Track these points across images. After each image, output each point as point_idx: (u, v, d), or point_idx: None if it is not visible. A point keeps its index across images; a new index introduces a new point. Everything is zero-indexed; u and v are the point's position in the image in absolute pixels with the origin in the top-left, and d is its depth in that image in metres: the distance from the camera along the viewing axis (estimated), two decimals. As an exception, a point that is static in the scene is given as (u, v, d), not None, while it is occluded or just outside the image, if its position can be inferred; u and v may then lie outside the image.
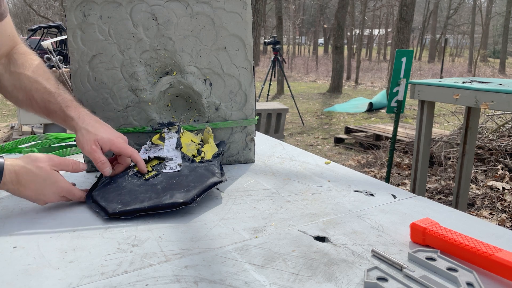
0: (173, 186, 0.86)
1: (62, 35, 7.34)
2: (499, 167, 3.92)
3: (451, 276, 0.57)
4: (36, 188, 0.79)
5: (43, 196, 0.80)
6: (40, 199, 0.81)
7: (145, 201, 0.82)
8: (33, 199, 0.81)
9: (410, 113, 8.55)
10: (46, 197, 0.81)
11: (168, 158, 0.96)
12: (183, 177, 0.89)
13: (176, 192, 0.83)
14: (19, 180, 0.77)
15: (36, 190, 0.79)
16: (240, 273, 0.60)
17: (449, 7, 30.10)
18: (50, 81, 0.96)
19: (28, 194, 0.79)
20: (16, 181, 0.77)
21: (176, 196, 0.82)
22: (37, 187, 0.79)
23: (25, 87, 0.94)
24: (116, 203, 0.82)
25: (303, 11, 37.29)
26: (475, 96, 2.26)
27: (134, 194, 0.84)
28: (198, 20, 1.03)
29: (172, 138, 1.01)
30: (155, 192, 0.84)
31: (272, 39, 8.39)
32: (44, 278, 0.59)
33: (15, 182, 0.77)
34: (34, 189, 0.79)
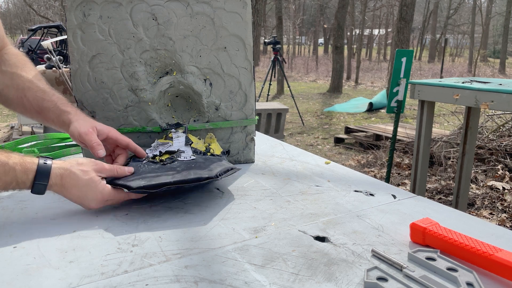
0: (194, 168, 0.88)
1: (62, 35, 7.34)
2: (499, 167, 3.92)
3: (451, 276, 0.57)
4: (78, 192, 0.79)
5: (86, 201, 0.80)
6: (83, 203, 0.81)
7: (169, 177, 0.83)
8: (77, 202, 0.81)
9: (410, 113, 8.55)
10: (88, 201, 0.80)
11: (181, 151, 0.98)
12: (200, 163, 0.91)
13: (199, 170, 0.85)
14: (63, 183, 0.78)
15: (78, 194, 0.79)
16: (240, 273, 0.60)
17: (449, 7, 30.10)
18: (43, 81, 0.98)
19: (71, 197, 0.80)
20: (60, 184, 0.77)
21: (200, 173, 0.84)
22: (79, 192, 0.79)
23: (17, 85, 0.94)
24: (139, 180, 0.83)
25: (303, 11, 37.29)
26: (475, 96, 2.26)
27: (156, 173, 0.85)
28: (198, 20, 1.03)
29: (180, 137, 1.02)
30: (177, 172, 0.86)
31: (272, 39, 8.38)
32: (44, 278, 0.59)
33: (59, 185, 0.78)
34: (76, 194, 0.79)
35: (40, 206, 0.85)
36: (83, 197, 0.80)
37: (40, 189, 0.76)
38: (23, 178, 0.75)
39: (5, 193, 0.92)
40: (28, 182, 0.75)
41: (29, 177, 0.75)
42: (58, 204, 0.86)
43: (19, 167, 0.74)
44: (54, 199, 0.88)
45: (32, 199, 0.88)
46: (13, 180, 0.74)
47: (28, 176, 0.75)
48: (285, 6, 25.08)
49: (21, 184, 0.75)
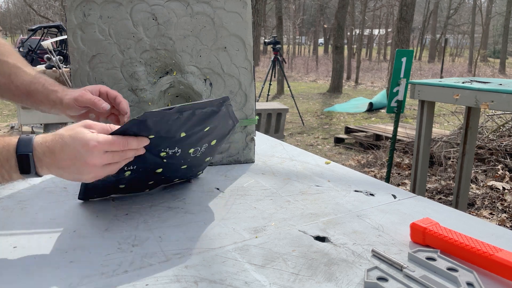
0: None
1: (62, 35, 7.34)
2: (499, 167, 3.92)
3: (451, 276, 0.57)
4: (69, 152, 0.66)
5: (81, 160, 0.66)
6: (81, 167, 0.67)
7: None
8: (73, 169, 0.67)
9: (410, 113, 8.55)
10: (85, 159, 0.66)
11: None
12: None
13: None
14: (51, 148, 0.66)
15: (70, 155, 0.66)
16: (240, 273, 0.60)
17: (449, 7, 30.10)
18: (29, 66, 0.97)
19: (65, 164, 0.67)
20: (48, 151, 0.66)
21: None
22: (70, 151, 0.66)
23: (3, 72, 0.94)
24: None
25: (303, 11, 37.30)
26: (475, 96, 2.26)
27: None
28: (198, 20, 1.03)
29: None
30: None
31: (272, 39, 8.38)
32: (45, 278, 0.59)
33: (47, 152, 0.66)
34: (68, 155, 0.66)
35: (40, 206, 0.85)
36: (77, 157, 0.66)
37: (25, 163, 0.64)
38: (3, 154, 0.64)
39: (5, 192, 0.92)
40: (11, 157, 0.64)
41: (10, 150, 0.64)
42: (58, 204, 0.86)
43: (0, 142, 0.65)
44: (54, 199, 0.88)
45: (32, 199, 0.88)
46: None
47: (9, 150, 0.64)
48: (285, 6, 25.09)
49: (3, 161, 0.64)
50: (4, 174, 0.65)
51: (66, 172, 0.68)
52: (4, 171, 0.65)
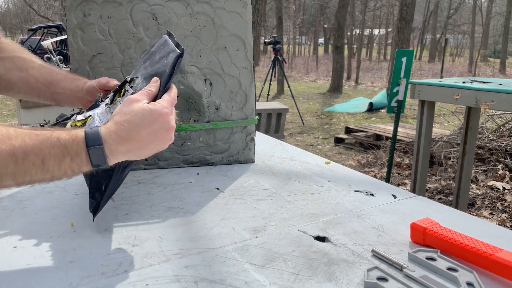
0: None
1: (62, 35, 7.34)
2: (499, 167, 3.92)
3: (451, 276, 0.57)
4: (148, 131, 0.66)
5: (163, 131, 0.68)
6: (159, 133, 0.67)
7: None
8: (152, 137, 0.67)
9: (410, 113, 8.54)
10: (166, 126, 0.67)
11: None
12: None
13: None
14: (119, 133, 0.65)
15: (151, 132, 0.67)
16: (240, 273, 0.60)
17: (449, 7, 30.10)
18: (43, 62, 0.99)
19: (141, 137, 0.66)
20: (117, 137, 0.65)
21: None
22: (149, 129, 0.66)
23: (20, 66, 0.96)
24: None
25: (303, 11, 37.30)
26: (475, 96, 2.26)
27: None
28: (198, 20, 1.03)
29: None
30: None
31: (272, 39, 8.38)
32: (45, 278, 0.59)
33: (117, 138, 0.65)
34: (149, 133, 0.67)
35: (40, 206, 0.85)
36: (157, 129, 0.67)
37: (98, 155, 0.64)
38: (73, 148, 0.63)
39: (5, 192, 0.92)
40: (81, 151, 0.63)
41: (79, 145, 0.63)
42: (58, 204, 0.86)
43: (65, 136, 0.64)
44: (54, 199, 0.88)
45: (32, 199, 0.88)
46: (64, 152, 0.62)
47: (79, 144, 0.63)
48: (285, 6, 25.09)
49: (74, 155, 0.63)
50: (74, 168, 0.65)
51: (147, 149, 0.68)
52: (75, 165, 0.64)
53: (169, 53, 0.78)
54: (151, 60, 0.82)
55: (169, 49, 0.78)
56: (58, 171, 0.63)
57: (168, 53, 0.78)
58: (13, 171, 0.60)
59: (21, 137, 0.61)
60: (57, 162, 0.63)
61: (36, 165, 0.61)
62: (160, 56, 0.79)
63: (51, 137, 0.63)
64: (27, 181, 0.62)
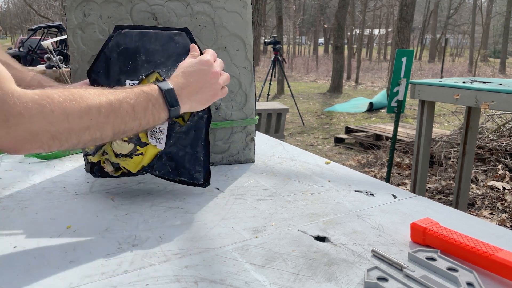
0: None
1: (62, 35, 7.34)
2: (500, 167, 3.92)
3: (451, 276, 0.57)
4: (199, 75, 0.79)
5: (209, 74, 0.80)
6: (211, 79, 0.81)
7: None
8: (208, 87, 0.80)
9: (410, 113, 8.55)
10: (211, 70, 0.81)
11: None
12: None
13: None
14: (186, 77, 0.78)
15: (201, 76, 0.79)
16: (240, 273, 0.60)
17: (449, 7, 30.09)
18: (19, 65, 1.02)
19: (201, 84, 0.79)
20: (184, 81, 0.77)
21: None
22: (199, 74, 0.79)
23: (13, 76, 0.97)
24: None
25: (303, 11, 37.30)
26: (475, 96, 2.26)
27: None
28: (198, 19, 1.03)
29: None
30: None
31: (272, 39, 8.39)
32: (45, 278, 0.59)
33: (183, 85, 0.77)
34: (200, 77, 0.79)
35: (40, 206, 0.85)
36: (205, 73, 0.80)
37: (172, 96, 0.74)
38: (153, 94, 0.73)
39: (5, 192, 0.92)
40: (159, 96, 0.73)
41: (156, 90, 0.73)
42: (58, 204, 0.86)
43: (145, 87, 0.73)
44: (54, 199, 0.88)
45: (32, 199, 0.88)
46: (147, 99, 0.71)
47: (155, 90, 0.73)
48: (285, 6, 25.09)
49: (154, 101, 0.72)
50: (155, 113, 0.73)
51: (203, 94, 0.80)
52: (156, 111, 0.73)
53: (173, 37, 0.90)
54: (160, 54, 0.90)
55: (170, 38, 0.90)
56: (144, 117, 0.71)
57: (173, 38, 0.90)
58: (112, 121, 0.67)
59: (111, 91, 0.69)
60: (143, 109, 0.71)
61: (129, 113, 0.69)
62: (170, 49, 0.90)
63: (135, 89, 0.72)
64: (122, 131, 0.70)
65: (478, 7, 28.05)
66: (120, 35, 0.90)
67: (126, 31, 0.91)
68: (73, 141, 0.64)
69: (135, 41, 0.90)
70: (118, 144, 0.86)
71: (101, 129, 0.66)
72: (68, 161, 1.17)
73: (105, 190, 0.94)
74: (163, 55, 0.89)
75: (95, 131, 0.65)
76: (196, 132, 0.89)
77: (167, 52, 0.89)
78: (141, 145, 0.87)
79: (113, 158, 0.88)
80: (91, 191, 0.93)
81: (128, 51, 0.89)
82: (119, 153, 0.87)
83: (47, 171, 1.07)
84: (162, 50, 0.89)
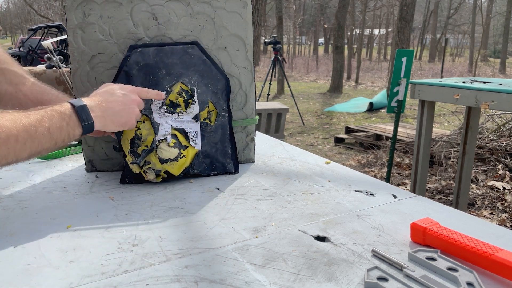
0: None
1: (63, 35, 7.34)
2: (500, 167, 3.92)
3: (452, 276, 0.57)
4: (116, 94, 0.84)
5: (127, 107, 0.85)
6: (126, 114, 0.85)
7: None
8: (120, 113, 0.84)
9: (410, 113, 8.55)
10: (127, 90, 0.87)
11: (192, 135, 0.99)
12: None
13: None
14: (100, 99, 0.82)
15: (115, 99, 0.84)
16: (241, 273, 0.60)
17: (449, 6, 30.09)
18: (32, 77, 1.01)
19: (113, 107, 0.83)
20: (98, 103, 0.82)
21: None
22: (116, 93, 0.85)
23: (10, 80, 0.96)
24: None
25: (304, 11, 37.29)
26: (475, 96, 2.26)
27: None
28: (198, 20, 1.03)
29: (193, 105, 1.00)
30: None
31: (272, 39, 8.38)
32: (45, 278, 0.59)
33: (98, 103, 0.82)
34: (114, 100, 0.84)
35: (40, 206, 0.85)
36: (118, 97, 0.84)
37: (84, 112, 0.78)
38: (66, 112, 0.76)
39: (5, 192, 0.92)
40: (72, 113, 0.77)
41: (68, 108, 0.77)
42: (58, 204, 0.86)
43: (56, 107, 0.76)
44: (54, 199, 0.88)
45: (32, 199, 0.88)
46: (60, 118, 0.75)
47: (68, 107, 0.77)
48: (285, 6, 25.09)
49: (68, 119, 0.76)
50: (70, 131, 0.77)
51: (118, 115, 0.84)
52: (70, 128, 0.77)
53: (186, 52, 1.01)
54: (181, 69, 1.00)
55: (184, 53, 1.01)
56: (59, 136, 0.75)
57: (187, 52, 1.01)
58: (29, 146, 0.70)
59: (26, 115, 0.72)
60: (58, 129, 0.74)
61: (45, 135, 0.72)
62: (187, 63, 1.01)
63: (47, 110, 0.75)
64: (37, 152, 0.73)
65: (478, 7, 28.05)
66: (137, 53, 0.97)
67: (142, 49, 0.98)
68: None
69: (153, 57, 0.98)
70: (166, 150, 0.93)
71: (17, 155, 0.70)
72: (68, 161, 1.17)
73: (105, 190, 0.94)
74: (182, 67, 0.99)
75: (12, 157, 0.69)
76: (222, 130, 1.03)
77: (185, 63, 0.99)
78: (183, 148, 0.95)
79: (158, 166, 0.93)
80: (91, 191, 0.93)
81: (148, 67, 0.97)
82: (167, 158, 0.93)
83: (47, 171, 1.07)
84: (180, 62, 0.99)
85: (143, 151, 0.92)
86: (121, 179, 0.98)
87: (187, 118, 0.98)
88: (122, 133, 0.95)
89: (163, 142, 0.93)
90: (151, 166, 0.94)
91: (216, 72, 1.03)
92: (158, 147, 0.92)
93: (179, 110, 0.97)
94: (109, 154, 1.07)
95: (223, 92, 1.04)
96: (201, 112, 1.00)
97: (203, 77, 1.01)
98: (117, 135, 0.96)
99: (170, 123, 0.95)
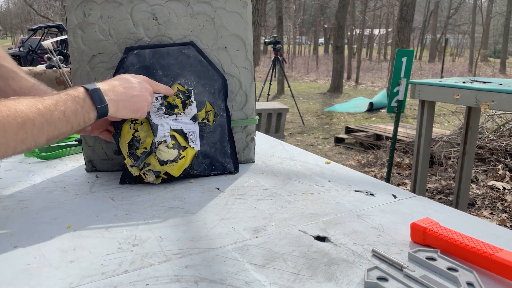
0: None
1: (63, 35, 7.35)
2: (500, 167, 3.92)
3: (452, 276, 0.57)
4: (125, 83, 0.85)
5: (141, 95, 0.86)
6: (139, 101, 0.85)
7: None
8: (135, 99, 0.85)
9: (410, 113, 8.55)
10: (143, 94, 0.86)
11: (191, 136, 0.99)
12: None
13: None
14: (113, 84, 0.83)
15: (127, 85, 0.85)
16: (241, 273, 0.60)
17: (449, 6, 30.09)
18: (24, 72, 1.00)
19: (130, 93, 0.84)
20: (111, 87, 0.82)
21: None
22: (125, 82, 0.85)
23: (1, 76, 0.95)
24: None
25: (304, 11, 37.30)
26: (475, 96, 2.26)
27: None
28: (198, 20, 1.03)
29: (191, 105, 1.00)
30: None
31: (272, 39, 8.38)
32: (45, 278, 0.59)
33: (112, 88, 0.82)
34: (125, 85, 0.85)
35: (40, 206, 0.85)
36: (130, 83, 0.85)
37: (98, 95, 0.78)
38: (80, 96, 0.77)
39: (5, 192, 0.92)
40: (86, 96, 0.77)
41: (82, 91, 0.78)
42: (58, 204, 0.86)
43: (70, 91, 0.77)
44: (54, 199, 0.88)
45: (32, 199, 0.88)
46: (75, 101, 0.75)
47: (82, 91, 0.78)
48: (285, 6, 25.09)
49: (82, 102, 0.76)
50: (85, 114, 0.77)
51: (131, 100, 0.84)
52: (85, 112, 0.77)
53: (183, 51, 1.00)
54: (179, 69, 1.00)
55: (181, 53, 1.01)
56: (75, 120, 0.75)
57: (183, 52, 1.01)
58: (47, 130, 0.70)
59: (41, 100, 0.72)
60: (73, 112, 0.74)
61: (61, 119, 0.72)
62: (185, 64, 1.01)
63: (61, 95, 0.75)
64: (55, 136, 0.73)
65: (478, 7, 28.06)
66: (133, 55, 0.98)
67: (138, 51, 0.98)
68: (8, 153, 0.67)
69: (149, 59, 0.98)
70: (165, 152, 0.92)
71: (36, 140, 0.70)
72: (68, 161, 1.17)
73: (105, 190, 0.94)
74: (179, 67, 0.99)
75: (31, 142, 0.69)
76: (221, 130, 1.03)
77: (181, 64, 0.99)
78: (182, 149, 0.95)
79: (158, 167, 0.93)
80: (91, 191, 0.93)
81: (144, 69, 0.97)
82: (166, 160, 0.93)
83: (47, 171, 1.07)
84: (176, 63, 0.99)
85: (142, 154, 0.92)
86: (121, 179, 0.98)
87: (185, 119, 0.98)
88: (120, 136, 0.95)
89: (162, 143, 0.93)
90: (151, 168, 0.94)
91: (213, 72, 1.03)
92: (157, 148, 0.92)
93: (177, 111, 0.97)
94: (109, 154, 1.07)
95: (220, 91, 1.04)
96: (199, 113, 1.00)
97: (199, 78, 1.01)
98: (115, 138, 0.97)
99: (168, 124, 0.95)
